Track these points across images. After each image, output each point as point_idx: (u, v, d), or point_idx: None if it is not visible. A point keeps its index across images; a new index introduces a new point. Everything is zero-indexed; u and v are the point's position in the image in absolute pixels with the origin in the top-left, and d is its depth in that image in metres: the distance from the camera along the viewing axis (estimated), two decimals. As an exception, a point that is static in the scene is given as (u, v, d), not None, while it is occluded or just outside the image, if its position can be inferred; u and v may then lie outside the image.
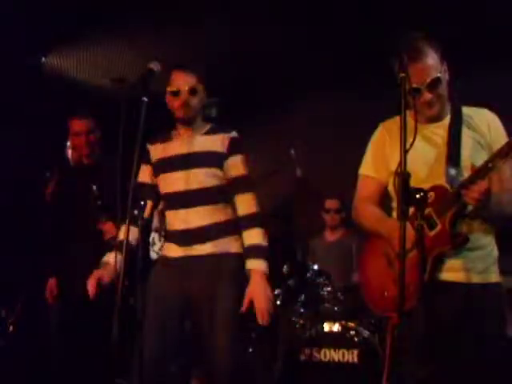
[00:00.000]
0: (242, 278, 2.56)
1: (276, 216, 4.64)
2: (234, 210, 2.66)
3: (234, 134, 2.69)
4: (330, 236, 4.68)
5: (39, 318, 3.79)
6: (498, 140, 2.14)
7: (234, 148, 2.66)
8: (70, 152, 3.70)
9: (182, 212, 2.65)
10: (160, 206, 3.14)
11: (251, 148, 2.80)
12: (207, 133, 2.70)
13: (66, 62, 4.86)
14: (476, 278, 2.11)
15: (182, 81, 2.63)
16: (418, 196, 1.85)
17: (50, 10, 3.90)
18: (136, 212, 2.52)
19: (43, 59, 4.76)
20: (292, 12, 4.01)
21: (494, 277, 2.17)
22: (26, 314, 4.05)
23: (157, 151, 2.75)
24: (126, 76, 4.92)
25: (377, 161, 2.32)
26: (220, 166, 2.65)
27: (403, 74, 1.88)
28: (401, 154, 1.82)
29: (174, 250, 2.68)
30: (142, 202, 2.58)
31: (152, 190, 2.74)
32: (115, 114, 2.24)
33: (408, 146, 1.82)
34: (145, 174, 2.75)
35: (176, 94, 2.63)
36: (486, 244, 2.16)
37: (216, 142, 2.66)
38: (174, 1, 3.85)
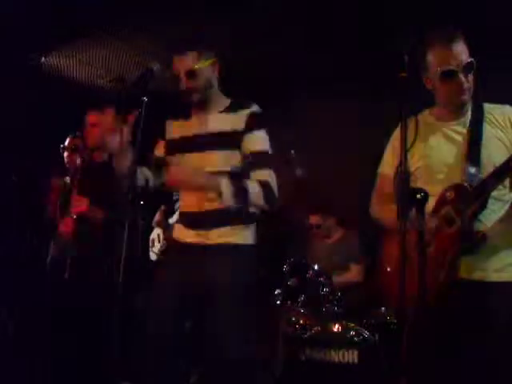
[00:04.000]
0: (255, 268, 2.55)
1: (276, 216, 4.64)
2: None
3: (253, 108, 2.55)
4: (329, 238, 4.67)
5: (39, 318, 3.78)
6: None
7: (252, 124, 2.51)
8: (65, 154, 3.71)
9: (193, 194, 2.54)
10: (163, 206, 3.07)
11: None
12: (225, 110, 2.57)
13: (66, 61, 4.87)
14: (492, 277, 2.08)
15: (179, 65, 2.52)
16: (418, 196, 1.85)
17: (50, 10, 3.90)
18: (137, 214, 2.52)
19: (43, 59, 4.76)
20: (292, 12, 4.01)
21: None
22: (26, 315, 4.05)
23: (173, 129, 2.66)
24: (126, 76, 4.93)
25: (396, 158, 2.24)
26: (237, 147, 2.51)
27: (403, 74, 1.87)
28: (401, 153, 1.81)
29: (185, 234, 2.58)
30: (142, 202, 2.58)
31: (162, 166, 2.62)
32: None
33: (409, 144, 1.82)
34: (160, 150, 2.69)
35: (177, 79, 2.52)
36: (505, 243, 2.12)
37: (234, 121, 2.52)
38: (174, 0, 3.85)
